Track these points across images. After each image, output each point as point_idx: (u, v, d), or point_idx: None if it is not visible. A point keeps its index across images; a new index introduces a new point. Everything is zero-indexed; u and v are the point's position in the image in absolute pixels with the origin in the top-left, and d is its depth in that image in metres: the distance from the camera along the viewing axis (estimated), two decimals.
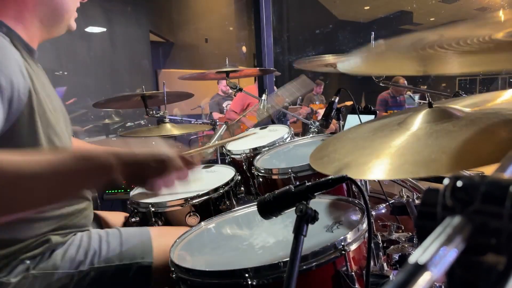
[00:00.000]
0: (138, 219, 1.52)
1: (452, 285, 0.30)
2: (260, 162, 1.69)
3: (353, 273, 0.88)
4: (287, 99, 2.01)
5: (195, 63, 8.47)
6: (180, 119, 2.58)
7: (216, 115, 5.54)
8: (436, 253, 0.26)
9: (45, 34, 1.14)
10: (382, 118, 1.08)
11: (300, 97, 8.37)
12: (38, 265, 1.07)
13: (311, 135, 2.06)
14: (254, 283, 0.82)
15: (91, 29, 5.85)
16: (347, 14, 12.04)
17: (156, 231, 1.29)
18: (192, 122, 2.67)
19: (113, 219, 1.60)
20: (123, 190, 2.78)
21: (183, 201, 1.45)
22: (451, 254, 0.27)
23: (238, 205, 1.50)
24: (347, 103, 4.76)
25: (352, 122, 2.04)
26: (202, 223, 1.23)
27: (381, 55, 0.82)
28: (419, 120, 0.87)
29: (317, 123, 2.15)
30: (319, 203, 1.19)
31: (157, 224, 1.46)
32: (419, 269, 0.25)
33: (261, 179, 1.57)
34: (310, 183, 0.77)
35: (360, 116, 1.86)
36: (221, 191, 1.51)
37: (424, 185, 1.61)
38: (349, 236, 0.90)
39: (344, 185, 1.44)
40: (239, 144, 2.03)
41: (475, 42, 0.61)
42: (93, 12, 5.66)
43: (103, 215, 1.58)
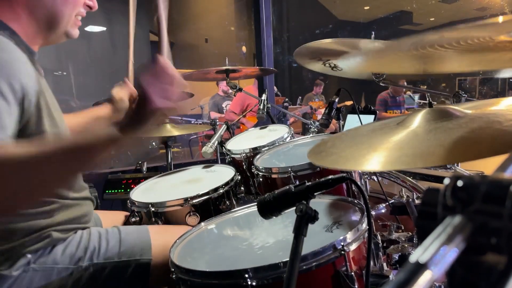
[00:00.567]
0: (138, 219, 1.52)
1: (452, 284, 0.30)
2: (260, 162, 1.69)
3: (353, 273, 0.88)
4: None
5: (195, 63, 8.47)
6: (180, 119, 2.58)
7: (213, 114, 5.54)
8: (436, 252, 0.26)
9: (44, 39, 1.14)
10: (383, 119, 1.09)
11: (300, 97, 8.38)
12: (38, 259, 1.10)
13: (311, 135, 2.06)
14: (254, 283, 0.82)
15: (91, 29, 5.85)
16: (347, 14, 12.05)
17: (155, 229, 1.30)
18: (192, 122, 2.67)
19: (113, 218, 1.60)
20: (123, 190, 2.78)
21: (183, 201, 1.45)
22: (451, 254, 0.27)
23: (238, 205, 1.50)
24: (347, 103, 4.76)
25: (352, 122, 2.04)
26: (202, 223, 1.23)
27: (381, 53, 0.82)
28: (418, 119, 0.88)
29: (317, 123, 2.15)
30: (319, 203, 1.19)
31: (157, 224, 1.46)
32: (419, 268, 0.25)
33: (261, 179, 1.57)
34: (310, 183, 0.77)
35: (360, 116, 1.86)
36: (221, 191, 1.51)
37: (424, 185, 1.61)
38: (349, 236, 0.90)
39: (344, 185, 1.44)
40: (239, 144, 2.03)
41: (475, 42, 0.61)
42: (93, 12, 5.65)
43: (103, 214, 1.58)
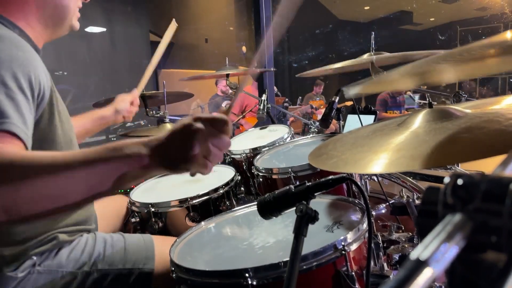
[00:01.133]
0: (138, 219, 1.52)
1: (452, 282, 0.30)
2: (260, 162, 1.69)
3: (353, 273, 0.88)
4: None
5: (195, 63, 8.47)
6: (180, 119, 2.58)
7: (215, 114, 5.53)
8: (437, 250, 0.26)
9: (49, 35, 1.15)
10: (383, 120, 1.09)
11: (300, 97, 8.38)
12: (44, 262, 1.10)
13: (311, 135, 2.06)
14: (254, 283, 0.82)
15: (91, 29, 5.85)
16: (347, 14, 12.05)
17: (159, 240, 1.30)
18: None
19: (110, 213, 1.59)
20: (123, 190, 2.78)
21: (183, 201, 1.45)
22: (451, 251, 0.27)
23: (238, 205, 1.50)
24: (347, 103, 4.76)
25: (352, 122, 2.04)
26: (202, 223, 1.23)
27: (383, 79, 0.84)
28: (419, 119, 0.88)
29: (317, 123, 2.15)
30: (319, 203, 1.19)
31: (157, 225, 1.46)
32: (420, 265, 0.25)
33: (261, 179, 1.57)
34: (310, 183, 0.77)
35: (360, 116, 1.86)
36: (221, 191, 1.51)
37: (424, 185, 1.61)
38: (349, 236, 0.90)
39: (344, 185, 1.44)
40: (239, 144, 2.03)
41: (470, 54, 0.61)
42: (93, 12, 5.66)
43: (101, 205, 1.56)
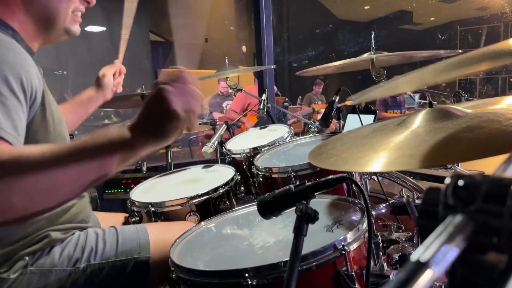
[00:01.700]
0: (138, 219, 1.52)
1: (453, 283, 0.30)
2: (260, 161, 1.69)
3: (353, 273, 0.88)
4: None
5: (195, 62, 8.46)
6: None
7: (216, 114, 5.55)
8: (437, 251, 0.26)
9: (43, 38, 1.14)
10: (383, 119, 1.09)
11: (300, 97, 8.38)
12: (36, 261, 1.09)
13: (311, 134, 2.06)
14: (254, 283, 0.82)
15: (91, 28, 5.85)
16: (347, 14, 12.05)
17: (153, 227, 1.30)
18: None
19: (113, 220, 1.60)
20: (122, 190, 2.78)
21: (183, 201, 1.45)
22: (452, 253, 0.27)
23: (238, 204, 1.50)
24: (347, 102, 4.75)
25: (352, 121, 2.04)
26: (202, 222, 1.23)
27: (389, 86, 0.84)
28: (419, 119, 0.88)
29: (317, 122, 2.15)
30: (319, 203, 1.19)
31: None
32: (421, 266, 0.25)
33: (261, 179, 1.57)
34: (310, 183, 0.77)
35: (360, 115, 1.86)
36: (221, 191, 1.51)
37: (424, 185, 1.61)
38: (349, 236, 0.90)
39: (344, 185, 1.44)
40: (239, 144, 2.03)
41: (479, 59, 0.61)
42: (93, 12, 5.66)
43: (103, 216, 1.58)
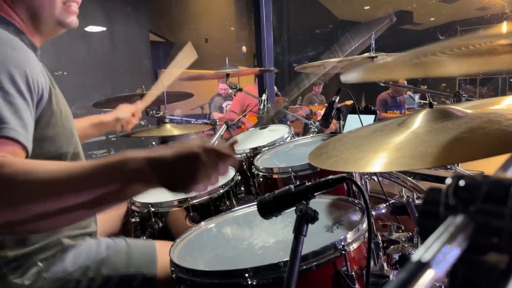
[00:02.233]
0: (138, 219, 1.52)
1: (453, 284, 0.30)
2: (260, 162, 1.69)
3: (353, 273, 0.88)
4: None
5: (195, 63, 8.46)
6: (180, 119, 2.58)
7: (216, 115, 5.55)
8: (438, 251, 0.26)
9: (40, 34, 1.13)
10: (383, 120, 1.09)
11: (300, 97, 8.38)
12: (49, 268, 1.09)
13: (311, 135, 2.06)
14: (254, 283, 0.82)
15: (91, 28, 5.85)
16: (347, 14, 12.05)
17: (161, 245, 1.29)
18: (192, 122, 2.67)
19: (113, 220, 1.60)
20: None
21: (183, 201, 1.45)
22: (453, 253, 0.27)
23: (238, 205, 1.50)
24: (347, 102, 4.75)
25: (352, 122, 2.04)
26: (202, 223, 1.23)
27: (382, 64, 0.83)
28: (419, 119, 0.88)
29: (317, 123, 2.15)
30: (319, 203, 1.19)
31: (157, 225, 1.45)
32: (422, 267, 0.25)
33: (261, 179, 1.57)
34: (310, 183, 0.77)
35: (360, 116, 1.86)
36: (221, 191, 1.51)
37: (424, 185, 1.61)
38: (349, 236, 0.90)
39: (344, 185, 1.44)
40: (239, 144, 2.03)
41: (475, 47, 0.61)
42: (93, 12, 5.66)
43: (103, 215, 1.58)
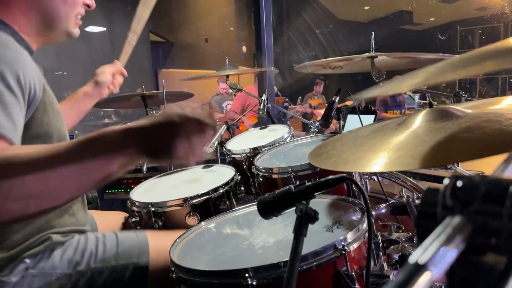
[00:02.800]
0: (138, 219, 1.52)
1: (452, 285, 0.30)
2: (260, 162, 1.69)
3: (353, 273, 0.88)
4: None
5: (195, 63, 8.46)
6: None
7: (216, 115, 5.55)
8: (436, 253, 0.26)
9: (42, 39, 1.14)
10: (383, 120, 1.09)
11: (300, 97, 8.38)
12: (37, 264, 1.09)
13: (311, 135, 2.06)
14: (254, 283, 0.82)
15: (91, 29, 5.85)
16: (347, 14, 12.03)
17: (153, 233, 1.30)
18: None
19: (112, 219, 1.60)
20: (123, 190, 2.79)
21: (183, 201, 1.45)
22: (451, 254, 0.27)
23: (238, 205, 1.50)
24: (347, 102, 4.75)
25: (352, 122, 2.04)
26: (202, 223, 1.23)
27: (391, 86, 0.84)
28: (419, 119, 0.88)
29: (317, 123, 2.15)
30: (319, 203, 1.19)
31: (157, 224, 1.45)
32: (419, 269, 0.25)
33: (261, 179, 1.57)
34: (310, 183, 0.77)
35: (360, 116, 1.86)
36: (221, 191, 1.51)
37: (424, 185, 1.61)
38: (349, 236, 0.90)
39: (344, 185, 1.44)
40: (239, 144, 2.03)
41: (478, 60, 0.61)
42: (93, 12, 5.64)
43: (102, 215, 1.58)
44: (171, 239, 1.12)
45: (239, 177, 1.65)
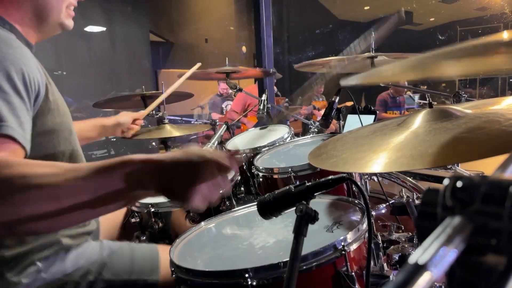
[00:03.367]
0: (138, 220, 1.52)
1: (452, 285, 0.30)
2: (260, 162, 1.69)
3: (353, 273, 0.88)
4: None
5: (195, 63, 8.46)
6: (180, 119, 2.58)
7: (215, 115, 5.55)
8: (436, 253, 0.26)
9: (38, 33, 1.14)
10: (383, 120, 1.09)
11: (300, 97, 8.37)
12: (49, 268, 1.08)
13: (311, 135, 2.06)
14: (254, 283, 0.82)
15: (91, 29, 5.85)
16: (347, 14, 12.03)
17: (164, 249, 1.28)
18: (192, 122, 2.67)
19: (113, 219, 1.60)
20: None
21: None
22: (451, 255, 0.27)
23: (238, 205, 1.50)
24: (347, 103, 4.75)
25: (352, 122, 2.04)
26: (202, 223, 1.23)
27: (381, 72, 0.83)
28: (419, 119, 0.88)
29: (317, 123, 2.15)
30: (319, 203, 1.19)
31: (157, 225, 1.45)
32: (419, 269, 0.25)
33: (261, 179, 1.57)
34: (310, 183, 0.77)
35: (360, 116, 1.86)
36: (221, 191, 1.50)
37: (424, 185, 1.61)
38: (349, 236, 0.90)
39: (344, 185, 1.44)
40: (239, 144, 2.03)
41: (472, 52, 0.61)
42: (93, 12, 5.65)
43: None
44: None
45: (239, 177, 1.65)
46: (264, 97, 2.31)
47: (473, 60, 0.64)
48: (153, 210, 1.45)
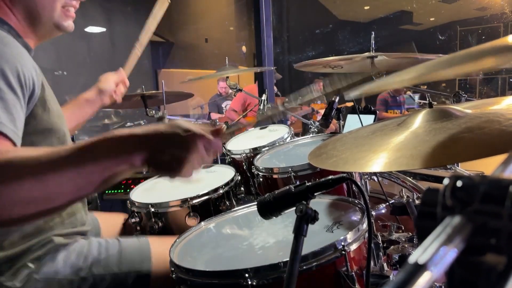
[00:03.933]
0: (138, 220, 1.52)
1: (452, 285, 0.30)
2: (260, 162, 1.69)
3: (353, 273, 0.88)
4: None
5: (195, 63, 8.47)
6: (180, 119, 2.58)
7: (214, 115, 5.54)
8: (436, 253, 0.26)
9: (35, 35, 1.14)
10: (383, 120, 1.09)
11: (300, 97, 8.37)
12: (41, 269, 1.08)
13: (311, 135, 2.06)
14: (254, 283, 0.82)
15: (91, 29, 5.85)
16: (347, 14, 12.03)
17: (155, 240, 1.29)
18: (192, 122, 2.67)
19: (113, 220, 1.60)
20: (122, 191, 2.78)
21: (182, 201, 1.45)
22: (451, 254, 0.27)
23: (238, 205, 1.50)
24: (347, 103, 4.75)
25: (352, 122, 2.04)
26: (202, 223, 1.23)
27: (382, 82, 0.83)
28: (419, 119, 0.88)
29: (317, 123, 2.15)
30: (319, 203, 1.19)
31: (157, 225, 1.45)
32: (419, 269, 0.25)
33: (261, 179, 1.57)
34: (310, 183, 0.77)
35: (360, 116, 1.86)
36: (221, 191, 1.51)
37: (424, 185, 1.61)
38: (349, 236, 0.90)
39: (344, 185, 1.44)
40: (239, 144, 2.03)
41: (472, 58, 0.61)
42: (93, 12, 5.66)
43: (102, 216, 1.58)
44: None
45: (239, 178, 1.65)
46: (264, 97, 2.31)
47: (476, 62, 0.64)
48: (153, 210, 1.45)
